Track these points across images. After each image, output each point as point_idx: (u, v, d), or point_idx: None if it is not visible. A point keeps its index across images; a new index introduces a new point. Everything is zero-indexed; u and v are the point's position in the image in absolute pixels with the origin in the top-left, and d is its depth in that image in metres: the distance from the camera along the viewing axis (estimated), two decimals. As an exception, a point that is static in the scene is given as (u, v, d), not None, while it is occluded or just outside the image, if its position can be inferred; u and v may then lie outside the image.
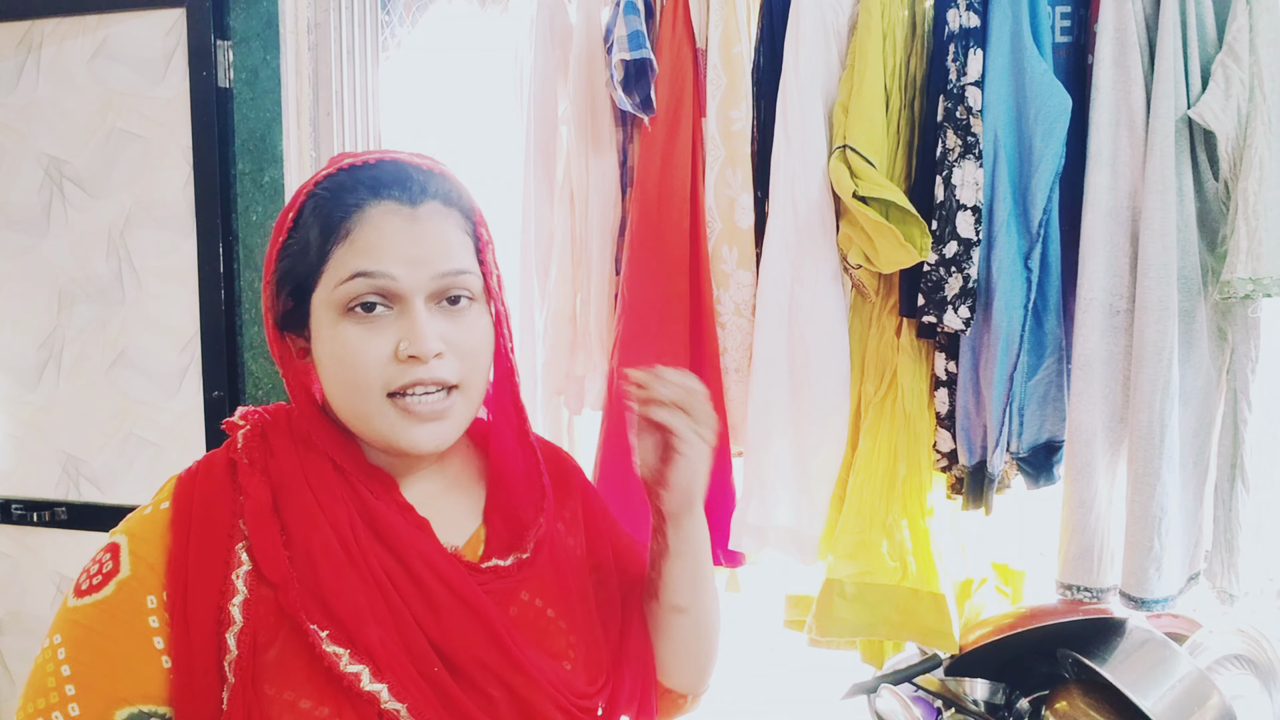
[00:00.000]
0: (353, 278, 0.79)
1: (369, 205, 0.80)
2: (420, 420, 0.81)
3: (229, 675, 0.76)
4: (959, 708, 1.57)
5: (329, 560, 0.78)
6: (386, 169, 0.82)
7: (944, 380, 1.60)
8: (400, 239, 0.80)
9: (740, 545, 1.66)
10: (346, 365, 0.80)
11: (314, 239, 0.80)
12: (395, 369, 0.79)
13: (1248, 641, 1.54)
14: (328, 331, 0.80)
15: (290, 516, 0.79)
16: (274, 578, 0.77)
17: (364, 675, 0.76)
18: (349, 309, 0.79)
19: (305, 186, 0.84)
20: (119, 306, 2.12)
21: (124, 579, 0.77)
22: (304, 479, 0.81)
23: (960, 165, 1.50)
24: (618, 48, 1.60)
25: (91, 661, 0.75)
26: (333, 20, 1.97)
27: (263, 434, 0.84)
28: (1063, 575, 1.55)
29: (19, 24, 2.10)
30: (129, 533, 0.80)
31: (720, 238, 1.68)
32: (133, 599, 0.77)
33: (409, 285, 0.79)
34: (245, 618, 0.77)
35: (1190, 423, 1.51)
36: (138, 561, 0.78)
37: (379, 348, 0.79)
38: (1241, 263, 1.40)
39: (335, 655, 0.76)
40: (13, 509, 2.20)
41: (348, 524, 0.80)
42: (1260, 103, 1.40)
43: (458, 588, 0.82)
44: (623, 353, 1.68)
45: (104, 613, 0.77)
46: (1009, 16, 1.50)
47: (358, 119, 2.03)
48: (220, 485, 0.81)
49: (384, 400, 0.80)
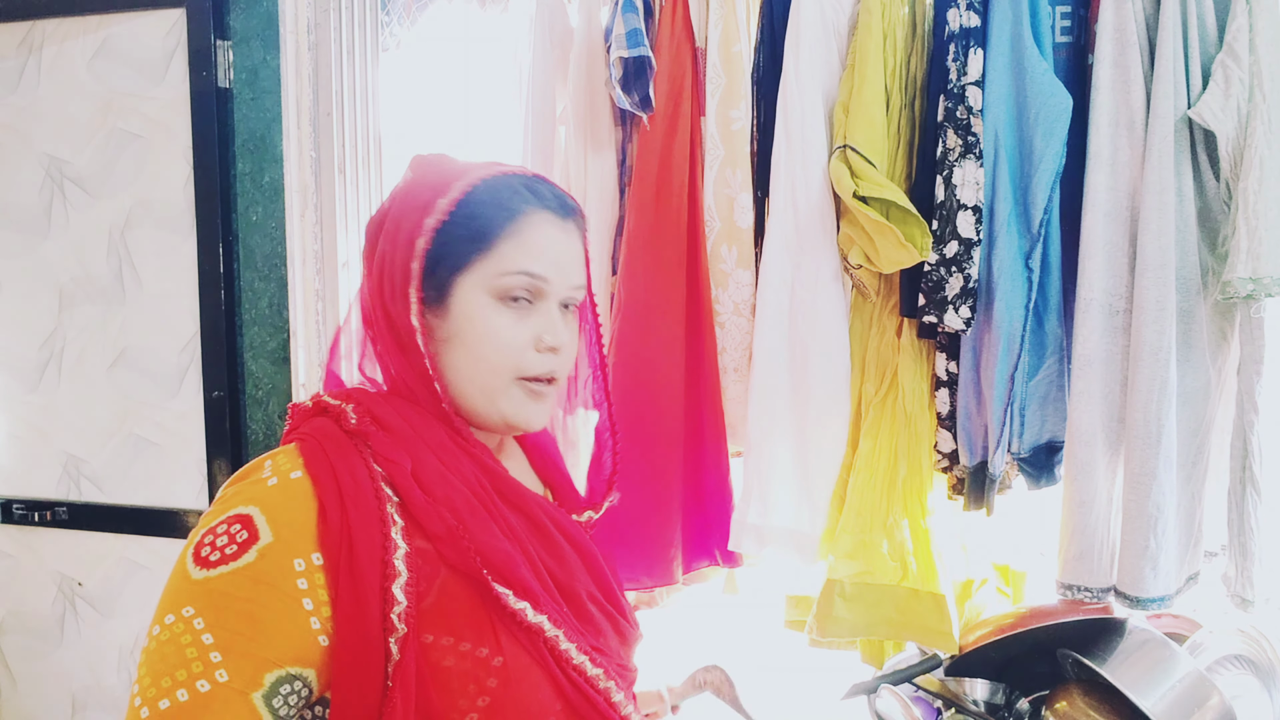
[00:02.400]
0: (518, 273, 0.89)
1: (534, 210, 0.91)
2: (539, 400, 0.93)
3: (398, 625, 0.81)
4: (959, 708, 1.57)
5: (474, 515, 0.86)
6: (541, 183, 0.94)
7: (945, 380, 1.60)
8: (556, 248, 0.92)
9: (740, 546, 1.66)
10: (494, 345, 0.89)
11: (482, 228, 0.89)
12: (535, 358, 0.91)
13: (1248, 641, 1.54)
14: (478, 311, 0.89)
15: (429, 480, 0.86)
16: (437, 530, 0.84)
17: (528, 610, 0.85)
18: (505, 297, 0.89)
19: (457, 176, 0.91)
20: (119, 306, 2.12)
21: (268, 545, 0.79)
22: (429, 448, 0.88)
23: (961, 165, 1.50)
24: (616, 46, 1.60)
25: (238, 627, 0.77)
26: (333, 20, 1.97)
27: (370, 413, 0.89)
28: (1063, 575, 1.55)
29: (20, 24, 2.10)
30: (260, 502, 0.82)
31: (719, 237, 1.68)
32: (281, 564, 0.79)
33: (554, 288, 0.91)
34: (409, 569, 0.82)
35: (1188, 423, 1.50)
36: (281, 527, 0.80)
37: (523, 334, 0.90)
38: (1242, 263, 1.40)
39: (504, 595, 0.84)
40: (13, 509, 2.21)
41: (478, 484, 0.89)
42: (1260, 102, 1.40)
43: (573, 534, 0.94)
44: (619, 352, 1.68)
45: (248, 579, 0.78)
46: (1009, 16, 1.49)
47: (358, 119, 2.03)
48: (354, 454, 0.86)
49: (514, 381, 0.90)
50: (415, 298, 0.88)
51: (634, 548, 1.67)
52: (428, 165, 0.96)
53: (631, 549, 1.67)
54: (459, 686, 0.82)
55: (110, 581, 2.19)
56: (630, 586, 1.70)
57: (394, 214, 0.92)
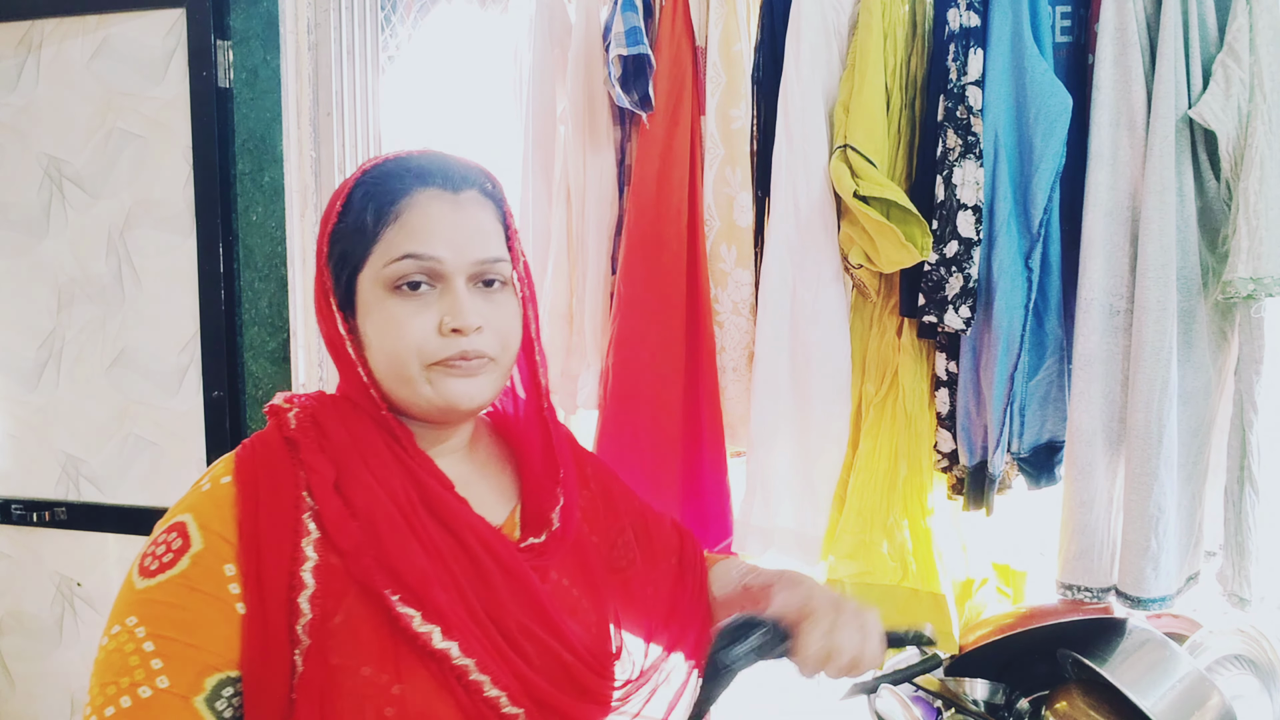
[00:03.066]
0: (402, 258, 0.85)
1: (416, 190, 0.87)
2: (460, 375, 0.86)
3: (303, 637, 0.79)
4: (959, 708, 1.57)
5: (393, 530, 0.82)
6: (431, 159, 0.90)
7: (945, 380, 1.60)
8: (445, 223, 0.86)
9: (744, 547, 1.66)
10: (393, 336, 0.85)
11: (365, 222, 0.86)
12: (439, 342, 0.85)
13: (1248, 641, 1.54)
14: (376, 307, 0.86)
15: (352, 491, 0.83)
16: (346, 545, 0.81)
17: (436, 634, 0.80)
18: (396, 286, 0.85)
19: (353, 176, 0.89)
20: (119, 306, 2.12)
21: (198, 552, 0.80)
22: (360, 457, 0.86)
23: (961, 165, 1.50)
24: (615, 44, 1.60)
25: (176, 634, 0.77)
26: (333, 20, 1.97)
27: (313, 416, 0.88)
28: (1063, 575, 1.55)
29: (19, 24, 2.10)
30: (192, 509, 0.83)
31: (719, 236, 1.68)
32: (211, 569, 0.79)
33: (452, 266, 0.86)
34: (317, 581, 0.80)
35: (1189, 423, 1.50)
36: (209, 534, 0.80)
37: (425, 321, 0.85)
38: (1243, 262, 1.40)
39: (409, 616, 0.80)
40: (13, 509, 2.20)
41: (404, 497, 0.85)
42: (1260, 102, 1.40)
43: (504, 560, 0.87)
44: (618, 351, 1.68)
45: (182, 586, 0.79)
46: (1009, 16, 1.49)
47: (358, 119, 2.03)
48: (281, 460, 0.84)
49: (423, 369, 0.86)
50: (334, 305, 0.88)
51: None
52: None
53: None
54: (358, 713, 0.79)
55: (109, 582, 2.18)
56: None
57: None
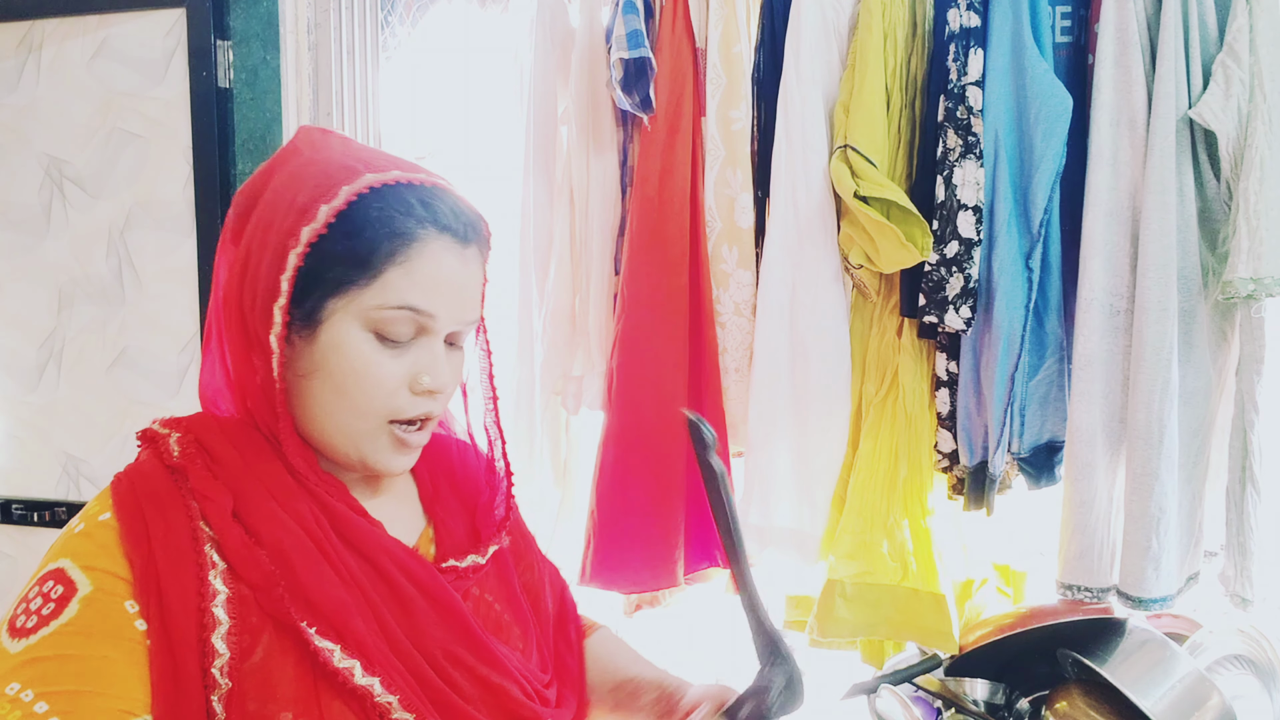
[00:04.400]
0: (402, 309, 0.77)
1: (431, 235, 0.78)
2: (408, 450, 0.82)
3: (221, 681, 0.72)
4: (959, 708, 1.57)
5: (304, 557, 0.75)
6: (444, 197, 0.81)
7: (945, 380, 1.60)
8: (452, 280, 0.79)
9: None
10: (361, 384, 0.78)
11: (369, 251, 0.76)
12: (408, 400, 0.79)
13: (1248, 641, 1.54)
14: (348, 344, 0.77)
15: (255, 519, 0.76)
16: (253, 577, 0.73)
17: (356, 669, 0.74)
18: (382, 332, 0.78)
19: (345, 178, 0.77)
20: (119, 306, 2.12)
21: (88, 594, 0.71)
22: (259, 482, 0.78)
23: (961, 165, 1.50)
24: (616, 47, 1.60)
25: (77, 686, 0.68)
26: (333, 20, 1.97)
27: (198, 442, 0.79)
28: (1063, 575, 1.55)
29: (19, 24, 2.10)
30: (68, 553, 0.74)
31: (720, 237, 1.68)
32: (107, 609, 0.71)
33: (441, 325, 0.80)
34: (232, 617, 0.73)
35: (1190, 423, 1.51)
36: (97, 574, 0.72)
37: (397, 373, 0.79)
38: (1243, 263, 1.40)
39: (328, 650, 0.73)
40: (13, 509, 2.20)
41: (314, 523, 0.78)
42: (1261, 102, 1.40)
43: (425, 584, 0.81)
44: (622, 352, 1.68)
45: (74, 635, 0.70)
46: (1009, 16, 1.49)
47: (358, 119, 2.03)
48: (167, 490, 0.76)
49: (384, 425, 0.80)
50: (280, 319, 0.76)
51: (639, 549, 1.67)
52: (316, 148, 0.81)
53: (636, 550, 1.67)
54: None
55: (110, 582, 2.18)
56: (634, 589, 1.70)
57: (269, 202, 0.79)
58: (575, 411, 1.83)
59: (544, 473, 1.83)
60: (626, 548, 1.66)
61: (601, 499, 1.69)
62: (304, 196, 0.77)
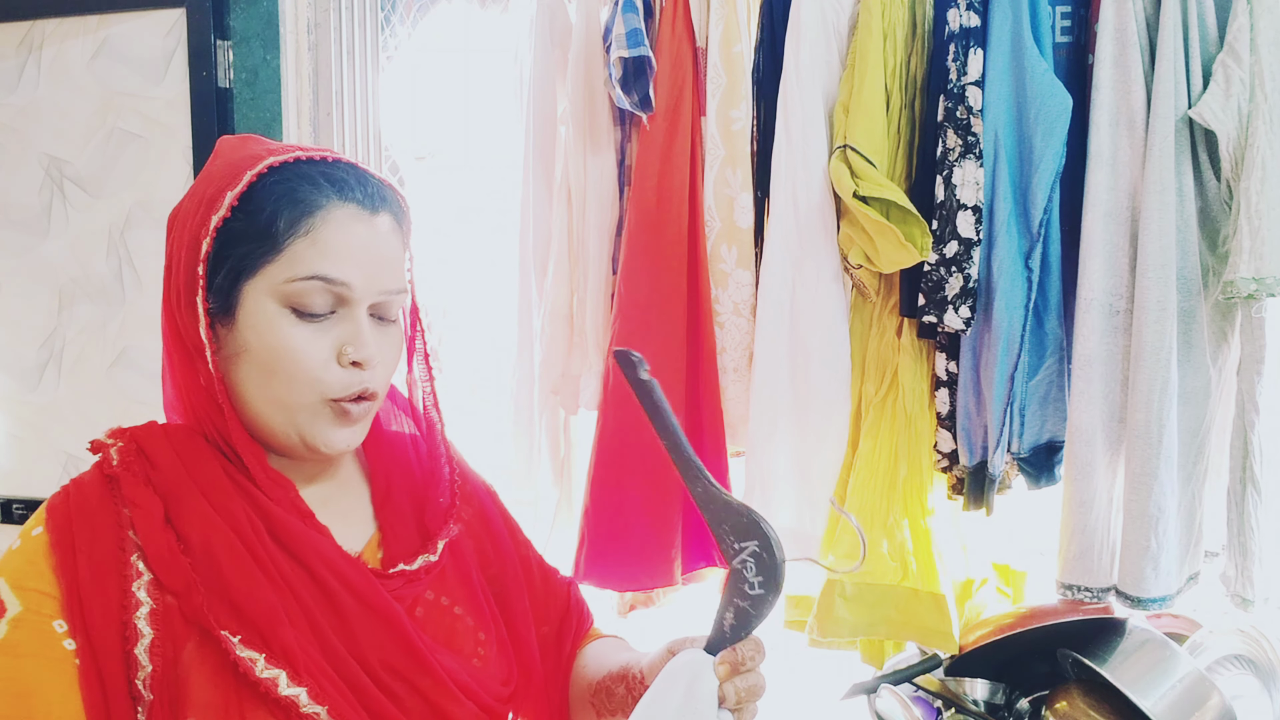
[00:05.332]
0: (311, 278, 0.77)
1: (334, 205, 0.78)
2: (346, 423, 0.80)
3: (144, 693, 0.71)
4: (959, 708, 1.57)
5: (235, 562, 0.74)
6: (348, 170, 0.81)
7: (945, 380, 1.60)
8: (361, 246, 0.79)
9: (741, 545, 1.66)
10: (286, 361, 0.77)
11: (270, 226, 0.76)
12: (339, 374, 0.79)
13: (1248, 641, 1.54)
14: (264, 323, 0.77)
15: (186, 524, 0.75)
16: (174, 584, 0.73)
17: (281, 679, 0.72)
18: (297, 306, 0.78)
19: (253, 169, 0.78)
20: (119, 306, 2.12)
21: (17, 615, 0.71)
22: (195, 486, 0.77)
23: (960, 165, 1.50)
24: (616, 46, 1.59)
25: (8, 709, 0.68)
26: (333, 20, 1.97)
27: (139, 449, 0.79)
28: (1063, 575, 1.55)
29: (19, 24, 2.10)
30: (3, 571, 0.74)
31: (719, 237, 1.68)
32: (36, 629, 0.71)
33: (360, 294, 0.79)
34: (155, 629, 0.72)
35: (1189, 423, 1.50)
36: (26, 593, 0.72)
37: (321, 348, 0.78)
38: (1244, 263, 1.40)
39: (250, 660, 0.72)
40: (13, 509, 2.21)
41: (249, 527, 0.76)
42: (1261, 102, 1.40)
43: (363, 592, 0.79)
44: (621, 352, 1.68)
45: (3, 657, 0.70)
46: (1009, 16, 1.49)
47: (358, 119, 2.03)
48: (99, 501, 0.76)
49: (320, 402, 0.79)
50: (202, 308, 0.77)
51: (635, 549, 1.66)
52: (228, 149, 0.82)
53: (632, 550, 1.66)
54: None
55: (110, 581, 2.19)
56: (629, 587, 1.70)
57: (184, 208, 0.80)
58: (574, 411, 1.82)
59: (543, 472, 1.83)
60: (621, 546, 1.66)
61: (595, 496, 1.69)
62: (212, 189, 0.78)
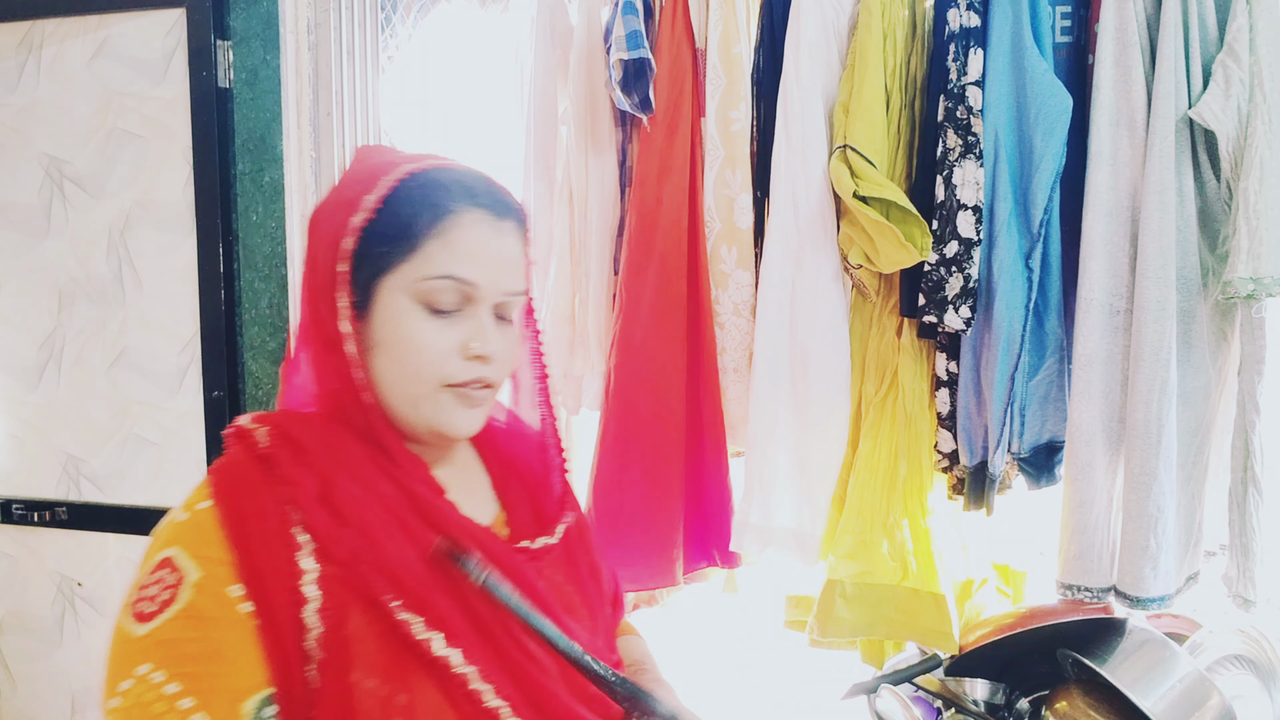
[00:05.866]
0: (443, 278, 0.84)
1: (465, 210, 0.85)
2: (470, 405, 0.88)
3: (315, 652, 0.78)
4: (959, 708, 1.57)
5: (389, 536, 0.81)
6: (478, 179, 0.89)
7: (945, 380, 1.60)
8: (489, 250, 0.86)
9: (742, 547, 1.66)
10: (414, 352, 0.85)
11: (408, 228, 0.84)
12: (460, 365, 0.86)
13: (1248, 641, 1.54)
14: (398, 316, 0.85)
15: (340, 502, 0.82)
16: (339, 555, 0.79)
17: (438, 641, 0.79)
18: (428, 302, 0.85)
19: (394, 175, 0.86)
20: (119, 306, 2.12)
21: (199, 580, 0.77)
22: (343, 468, 0.84)
23: (961, 165, 1.50)
24: (616, 47, 1.60)
25: (200, 668, 0.75)
26: (333, 20, 1.97)
27: (284, 434, 0.85)
28: (1063, 575, 1.55)
29: (19, 24, 2.10)
30: (178, 540, 0.80)
31: (719, 238, 1.68)
32: (217, 595, 0.77)
33: (484, 293, 0.86)
34: (323, 593, 0.79)
35: (1189, 423, 1.50)
36: (204, 561, 0.78)
37: (448, 341, 0.85)
38: (1243, 263, 1.40)
39: (409, 622, 0.79)
40: (13, 509, 2.21)
41: (395, 503, 0.84)
42: (1260, 102, 1.40)
43: (505, 561, 0.86)
44: (620, 353, 1.68)
45: (190, 619, 0.76)
46: (1009, 16, 1.49)
47: (358, 119, 2.03)
48: (259, 478, 0.82)
49: (440, 389, 0.86)
50: (344, 304, 0.84)
51: (637, 549, 1.67)
52: (364, 157, 0.91)
53: (634, 550, 1.67)
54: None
55: (110, 582, 2.18)
56: (632, 587, 1.70)
57: (325, 211, 0.89)
58: (576, 411, 1.83)
59: (544, 472, 1.83)
60: (622, 546, 1.66)
61: (597, 497, 1.69)
62: (350, 195, 0.86)
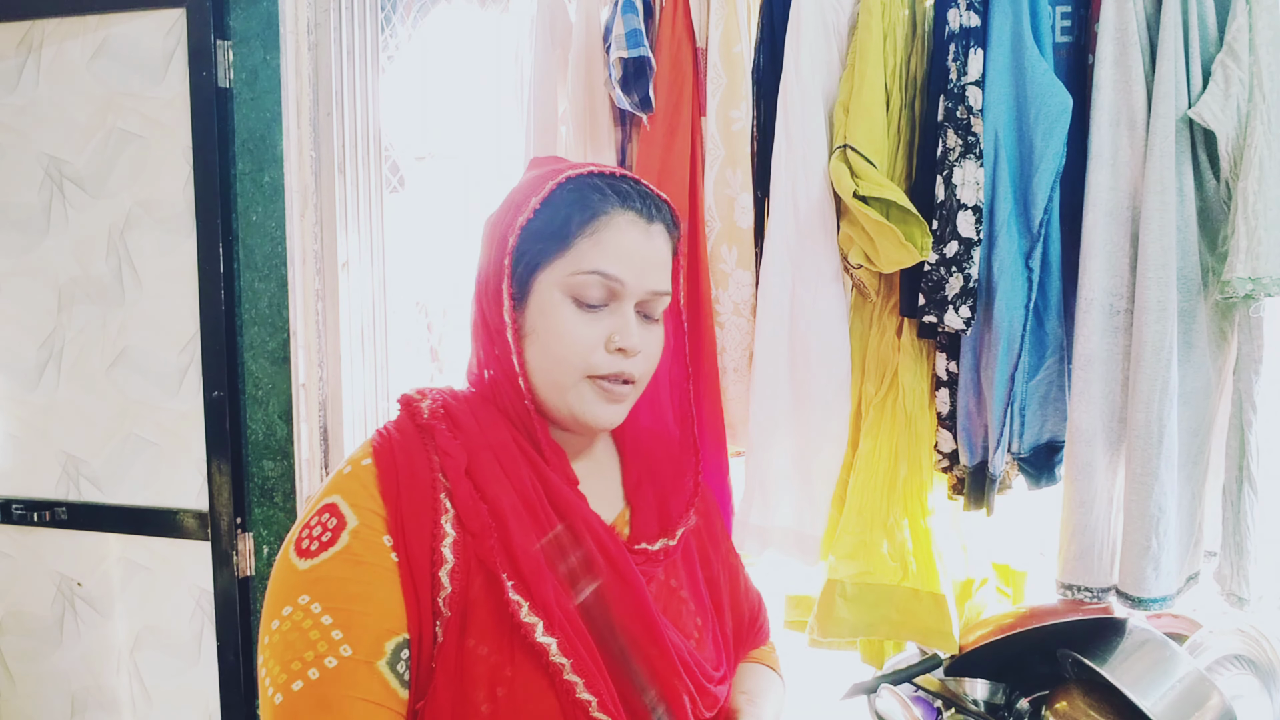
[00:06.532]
0: (592, 273, 0.90)
1: (616, 211, 0.92)
2: (610, 400, 0.93)
3: (444, 609, 0.84)
4: (959, 708, 1.57)
5: (516, 519, 0.87)
6: (632, 184, 0.95)
7: (945, 380, 1.60)
8: (636, 250, 0.92)
9: (743, 547, 1.66)
10: (562, 342, 0.90)
11: (564, 226, 0.90)
12: (603, 357, 0.91)
13: (1248, 641, 1.54)
14: (550, 307, 0.91)
15: (482, 478, 0.88)
16: (474, 526, 0.85)
17: (538, 628, 0.84)
18: (577, 296, 0.90)
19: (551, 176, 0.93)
20: (119, 306, 2.12)
21: (356, 527, 0.84)
22: (489, 448, 0.90)
23: (961, 165, 1.50)
24: (615, 46, 1.60)
25: (352, 606, 0.81)
26: (333, 20, 1.97)
27: (445, 408, 0.93)
28: (1063, 575, 1.55)
29: (19, 24, 2.10)
30: (340, 490, 0.87)
31: (719, 237, 1.68)
32: (371, 542, 0.84)
33: (630, 291, 0.92)
34: (456, 557, 0.85)
35: (1189, 423, 1.51)
36: (362, 510, 0.85)
37: (593, 334, 0.91)
38: (1241, 262, 1.40)
39: (517, 604, 0.84)
40: (13, 509, 2.21)
41: (530, 488, 0.89)
42: (1260, 102, 1.40)
43: (617, 560, 0.91)
44: (622, 352, 1.68)
45: (347, 560, 0.83)
46: (1009, 16, 1.49)
47: (358, 119, 2.03)
48: (417, 445, 0.89)
49: (583, 380, 0.91)
50: (507, 293, 0.91)
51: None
52: (537, 165, 0.99)
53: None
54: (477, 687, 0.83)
55: (110, 582, 2.19)
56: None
57: (498, 214, 0.96)
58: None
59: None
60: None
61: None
62: (519, 198, 0.94)
